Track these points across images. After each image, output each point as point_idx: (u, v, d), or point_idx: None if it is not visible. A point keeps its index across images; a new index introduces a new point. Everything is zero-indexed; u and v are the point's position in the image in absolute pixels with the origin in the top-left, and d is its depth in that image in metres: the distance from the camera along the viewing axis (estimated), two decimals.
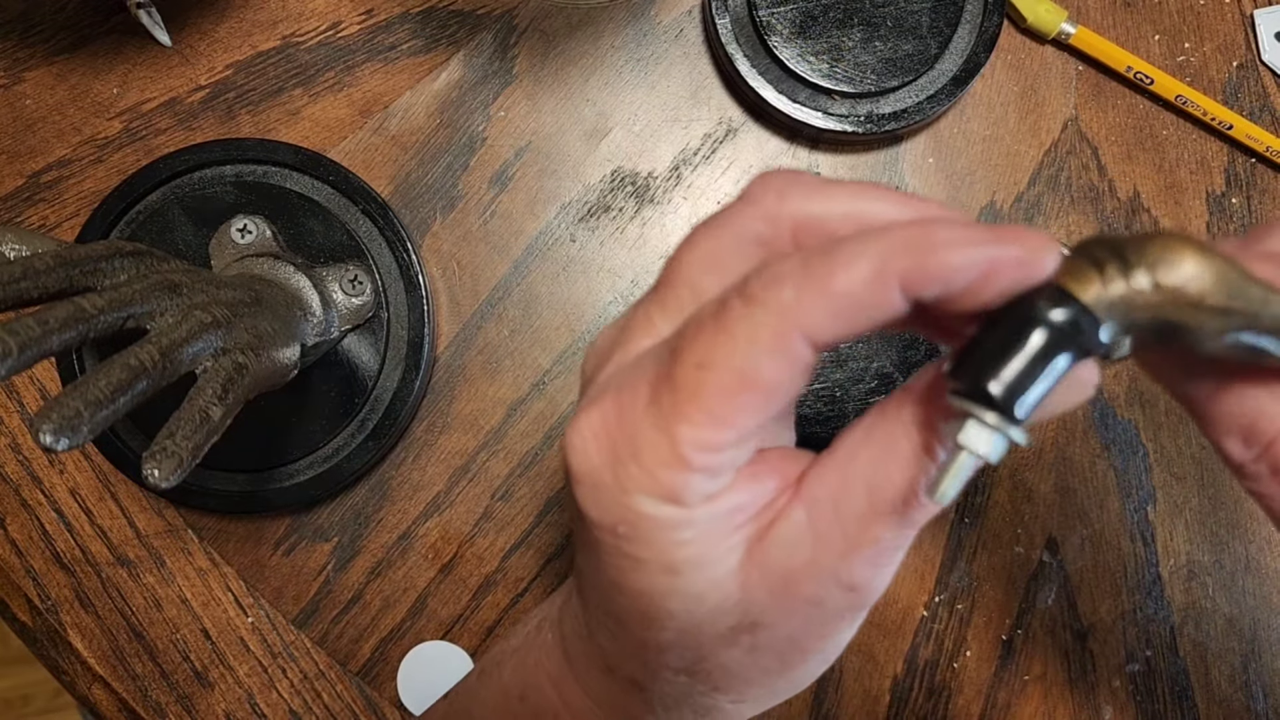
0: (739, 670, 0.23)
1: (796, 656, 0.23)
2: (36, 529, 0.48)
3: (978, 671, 0.49)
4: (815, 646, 0.23)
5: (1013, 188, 0.50)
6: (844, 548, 0.21)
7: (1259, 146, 0.49)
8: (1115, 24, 0.50)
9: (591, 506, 0.22)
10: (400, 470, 0.49)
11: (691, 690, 0.24)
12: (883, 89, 0.47)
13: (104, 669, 0.47)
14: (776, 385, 0.20)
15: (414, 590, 0.48)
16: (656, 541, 0.21)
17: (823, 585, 0.22)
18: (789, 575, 0.22)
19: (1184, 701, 0.48)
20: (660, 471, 0.21)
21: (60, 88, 0.49)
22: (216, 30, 0.49)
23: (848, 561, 0.21)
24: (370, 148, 0.49)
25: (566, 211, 0.49)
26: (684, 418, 0.20)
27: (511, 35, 0.50)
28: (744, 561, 0.22)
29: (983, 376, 0.19)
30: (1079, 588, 0.49)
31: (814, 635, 0.23)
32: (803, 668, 0.24)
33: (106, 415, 0.28)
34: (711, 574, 0.22)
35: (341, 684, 0.48)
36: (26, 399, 0.48)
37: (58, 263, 0.30)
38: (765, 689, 0.24)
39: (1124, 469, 0.49)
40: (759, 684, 0.24)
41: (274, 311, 0.38)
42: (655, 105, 0.50)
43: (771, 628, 0.22)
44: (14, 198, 0.48)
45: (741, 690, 0.24)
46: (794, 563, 0.22)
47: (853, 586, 0.22)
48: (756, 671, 0.24)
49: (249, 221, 0.44)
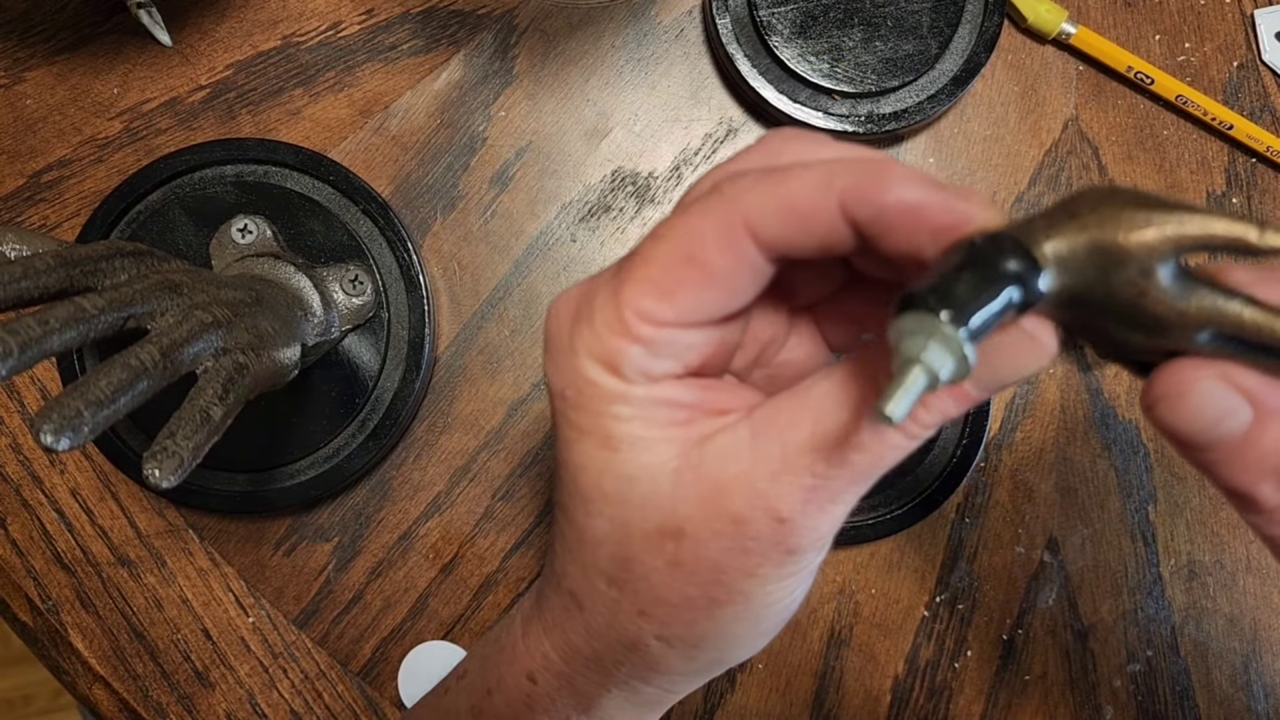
0: (662, 589, 0.23)
1: (720, 591, 0.23)
2: (37, 529, 0.48)
3: (978, 671, 0.49)
4: (739, 585, 0.23)
5: (1013, 188, 0.50)
6: (778, 468, 0.22)
7: (1259, 146, 0.49)
8: (1115, 24, 0.50)
9: (552, 368, 0.23)
10: (401, 470, 0.49)
11: (619, 611, 0.24)
12: (883, 89, 0.47)
13: (105, 669, 0.47)
14: (720, 269, 0.21)
15: (415, 590, 0.48)
16: (597, 411, 0.23)
17: (750, 504, 0.22)
18: (720, 484, 0.22)
19: (1185, 701, 0.48)
20: (603, 333, 0.22)
21: (61, 88, 0.49)
22: (217, 30, 0.49)
23: (778, 484, 0.22)
24: (371, 148, 0.49)
25: (567, 211, 0.49)
26: (631, 281, 0.22)
27: (512, 35, 0.50)
28: (679, 456, 0.22)
29: (933, 291, 0.19)
30: (1080, 588, 0.49)
31: (737, 566, 0.23)
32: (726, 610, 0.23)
33: (107, 415, 0.28)
34: (646, 458, 0.22)
35: (342, 684, 0.48)
36: (27, 399, 0.48)
37: (58, 263, 0.30)
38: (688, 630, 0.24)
39: (1125, 469, 0.49)
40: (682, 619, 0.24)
41: (275, 311, 0.38)
42: (656, 105, 0.50)
43: (695, 540, 0.23)
44: (14, 198, 0.48)
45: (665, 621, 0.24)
46: (727, 472, 0.22)
47: (780, 516, 0.22)
48: (679, 597, 0.23)
49: (249, 221, 0.44)
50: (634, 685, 0.26)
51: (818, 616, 0.49)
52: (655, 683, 0.26)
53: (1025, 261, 0.20)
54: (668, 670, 0.25)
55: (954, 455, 0.47)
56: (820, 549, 0.23)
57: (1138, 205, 0.20)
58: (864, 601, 0.49)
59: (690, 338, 0.22)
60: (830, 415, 0.21)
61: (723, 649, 0.25)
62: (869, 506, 0.48)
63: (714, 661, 0.25)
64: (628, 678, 0.26)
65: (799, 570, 0.23)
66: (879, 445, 0.21)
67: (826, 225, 0.20)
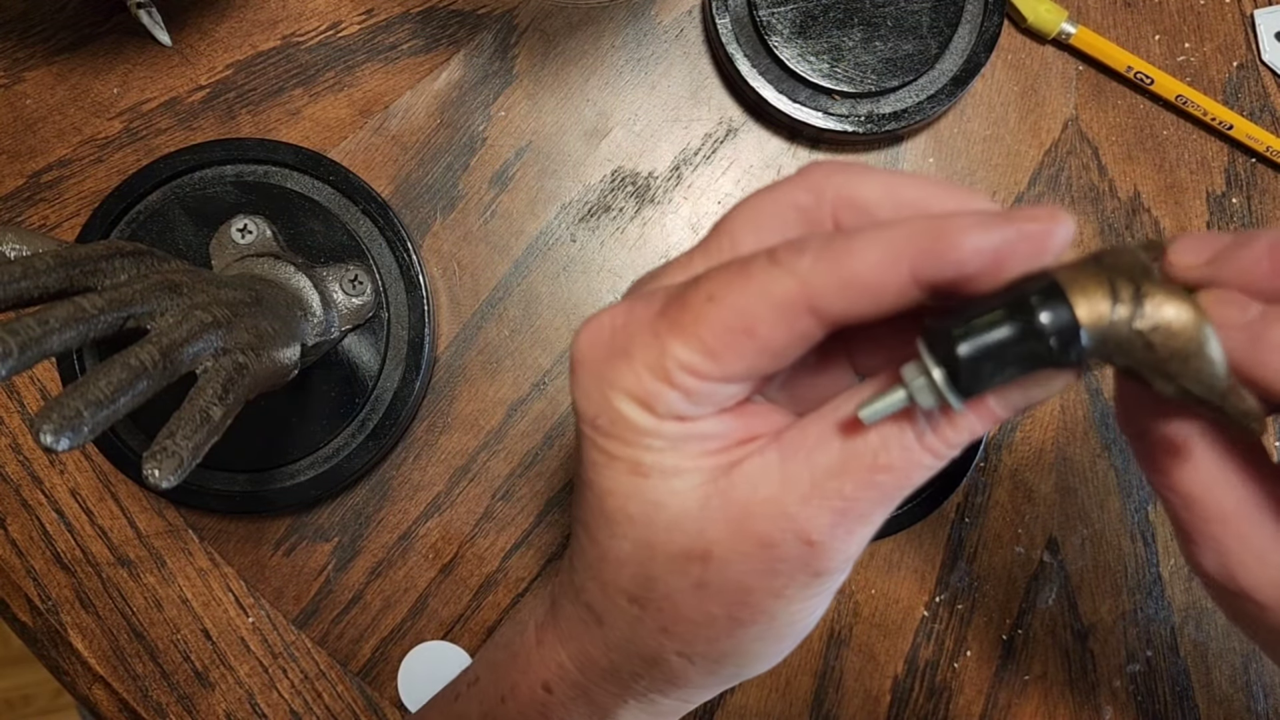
0: (685, 609, 0.24)
1: (744, 611, 0.23)
2: (37, 529, 0.48)
3: (978, 671, 0.49)
4: (764, 605, 0.23)
5: (1013, 188, 0.50)
6: (808, 491, 0.22)
7: (1259, 146, 0.49)
8: (1115, 24, 0.50)
9: (581, 394, 0.23)
10: (401, 470, 0.49)
11: (639, 628, 0.24)
12: (883, 89, 0.47)
13: (104, 669, 0.47)
14: (772, 342, 0.21)
15: (415, 590, 0.48)
16: (628, 441, 0.23)
17: (779, 527, 0.22)
18: (748, 508, 0.22)
19: (1185, 702, 0.48)
20: (643, 374, 0.22)
21: (60, 88, 0.49)
22: (217, 30, 0.49)
23: (808, 507, 0.22)
24: (370, 148, 0.49)
25: (567, 211, 0.49)
26: (679, 335, 0.21)
27: (512, 35, 0.50)
28: (708, 483, 0.23)
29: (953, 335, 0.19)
30: (1079, 588, 0.49)
31: (764, 588, 0.23)
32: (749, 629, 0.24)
33: (107, 415, 0.28)
34: (675, 485, 0.23)
35: (342, 684, 0.48)
36: (27, 399, 0.48)
37: (58, 263, 0.30)
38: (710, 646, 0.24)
39: (1124, 469, 0.49)
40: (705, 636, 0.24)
41: (274, 311, 0.38)
42: (656, 105, 0.50)
43: (722, 563, 0.23)
44: (14, 198, 0.48)
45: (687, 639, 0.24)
46: (756, 496, 0.22)
47: (809, 539, 0.22)
48: (703, 616, 0.24)
49: (249, 221, 0.44)
50: (651, 697, 0.26)
51: None
52: (673, 695, 0.26)
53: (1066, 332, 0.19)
54: (687, 684, 0.26)
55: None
56: (845, 569, 0.23)
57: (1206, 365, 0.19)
58: (864, 601, 0.49)
59: (731, 390, 0.22)
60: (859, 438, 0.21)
61: (743, 664, 0.25)
62: None
63: (733, 675, 0.26)
64: (646, 690, 0.26)
65: (824, 590, 0.24)
66: (907, 465, 0.21)
67: (896, 294, 0.20)
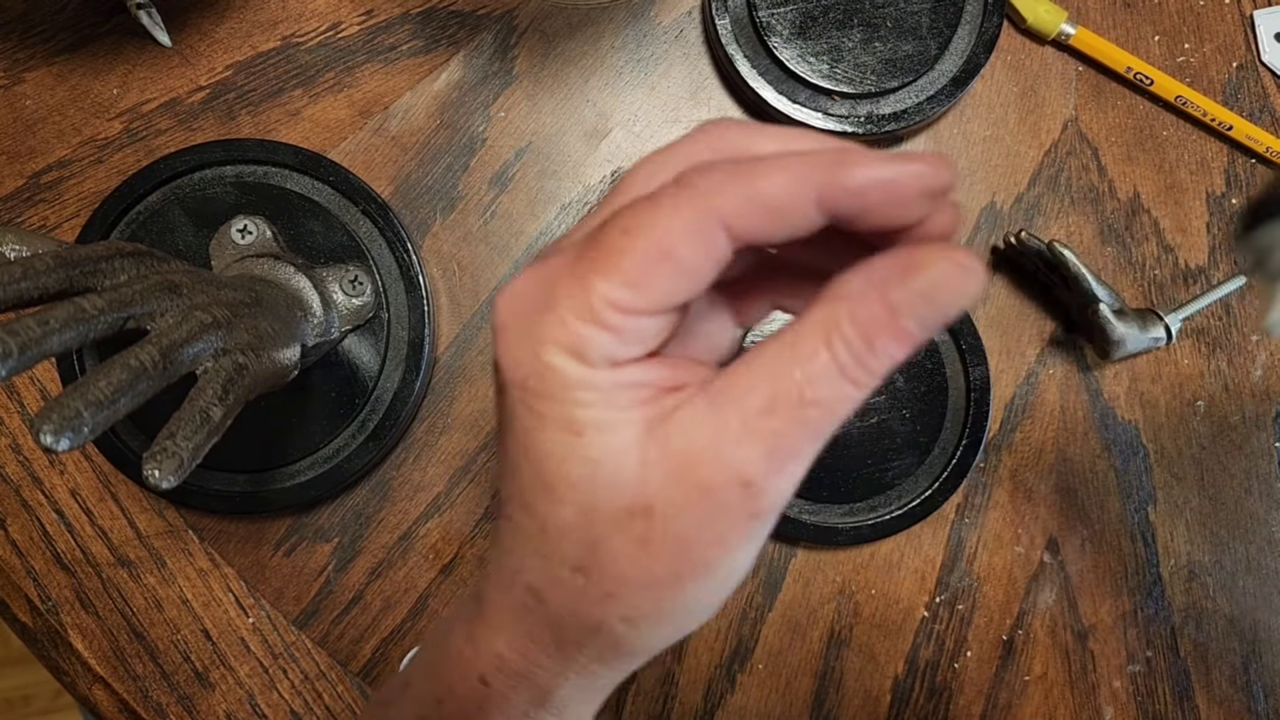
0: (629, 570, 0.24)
1: (686, 566, 0.24)
2: (37, 529, 0.48)
3: (978, 672, 0.49)
4: (705, 555, 0.24)
5: (1013, 188, 0.50)
6: (740, 434, 0.22)
7: (1259, 147, 0.49)
8: (1115, 25, 0.50)
9: (508, 359, 0.24)
10: (401, 471, 0.49)
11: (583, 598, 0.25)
12: (883, 90, 0.47)
13: (105, 669, 0.47)
14: (691, 263, 0.22)
15: (415, 591, 0.48)
16: (560, 398, 0.23)
17: (716, 472, 0.23)
18: (685, 457, 0.23)
19: (1185, 702, 0.48)
20: (571, 321, 0.22)
21: (60, 88, 0.49)
22: (216, 31, 0.49)
23: (742, 448, 0.22)
24: (370, 148, 0.49)
25: (567, 212, 0.49)
26: (601, 274, 0.22)
27: (511, 36, 0.50)
28: (644, 436, 0.23)
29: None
30: (1080, 588, 0.49)
31: (705, 538, 0.23)
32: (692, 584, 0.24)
33: (107, 416, 0.28)
34: (611, 440, 0.23)
35: (342, 685, 0.48)
36: (27, 399, 0.48)
37: (58, 263, 0.30)
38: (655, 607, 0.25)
39: (1124, 469, 0.49)
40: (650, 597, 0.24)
41: (274, 312, 0.38)
42: (655, 106, 0.50)
43: (664, 517, 0.23)
44: (14, 198, 0.48)
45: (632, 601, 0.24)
46: (693, 445, 0.23)
47: (747, 480, 0.23)
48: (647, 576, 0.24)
49: (249, 222, 0.44)
50: (593, 670, 0.27)
51: (818, 616, 0.49)
52: (614, 665, 0.27)
53: None
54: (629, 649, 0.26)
55: (954, 455, 0.47)
56: (778, 511, 0.24)
57: None
58: (864, 602, 0.49)
59: (655, 323, 0.23)
60: (784, 376, 0.22)
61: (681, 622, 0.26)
62: (869, 507, 0.48)
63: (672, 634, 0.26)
64: (588, 663, 0.26)
65: (759, 536, 0.24)
66: (833, 398, 0.22)
67: (801, 216, 0.22)
